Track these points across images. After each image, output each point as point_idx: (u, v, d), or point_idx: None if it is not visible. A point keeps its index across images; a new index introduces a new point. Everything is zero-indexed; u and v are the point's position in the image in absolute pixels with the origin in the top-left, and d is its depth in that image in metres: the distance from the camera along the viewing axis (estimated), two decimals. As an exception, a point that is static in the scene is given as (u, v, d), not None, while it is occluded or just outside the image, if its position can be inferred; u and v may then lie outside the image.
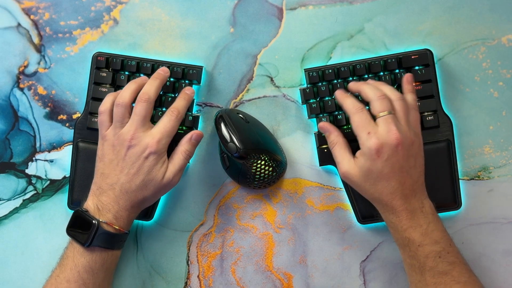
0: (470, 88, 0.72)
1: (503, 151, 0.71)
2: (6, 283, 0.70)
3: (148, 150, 0.60)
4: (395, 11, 0.73)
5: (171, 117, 0.62)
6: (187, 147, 0.64)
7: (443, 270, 0.58)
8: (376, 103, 0.60)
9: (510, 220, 0.70)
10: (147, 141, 0.61)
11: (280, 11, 0.73)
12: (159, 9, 0.73)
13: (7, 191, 0.72)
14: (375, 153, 0.58)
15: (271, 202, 0.71)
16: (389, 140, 0.58)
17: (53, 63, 0.73)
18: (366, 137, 0.59)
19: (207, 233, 0.71)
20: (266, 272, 0.70)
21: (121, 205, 0.61)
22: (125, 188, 0.61)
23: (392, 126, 0.58)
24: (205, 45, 0.73)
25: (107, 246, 0.60)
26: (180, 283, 0.70)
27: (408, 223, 0.59)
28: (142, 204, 0.63)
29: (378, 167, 0.58)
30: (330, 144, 0.64)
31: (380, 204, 0.61)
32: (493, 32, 0.72)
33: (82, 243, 0.59)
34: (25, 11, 0.73)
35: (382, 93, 0.60)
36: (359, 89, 0.63)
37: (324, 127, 0.64)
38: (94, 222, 0.59)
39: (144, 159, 0.60)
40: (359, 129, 0.60)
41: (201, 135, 0.65)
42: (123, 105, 0.62)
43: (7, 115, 0.72)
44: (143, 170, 0.60)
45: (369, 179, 0.60)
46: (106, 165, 0.62)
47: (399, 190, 0.59)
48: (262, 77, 0.73)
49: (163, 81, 0.65)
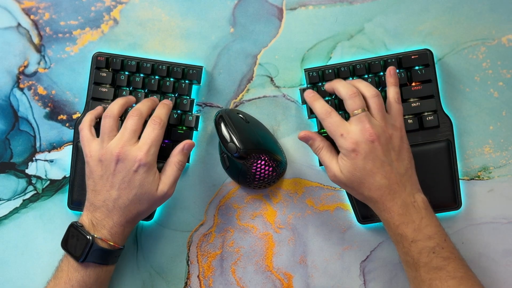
0: (470, 88, 0.72)
1: (503, 151, 0.71)
2: (6, 283, 0.70)
3: (137, 163, 0.59)
4: (395, 11, 0.73)
5: (155, 125, 0.61)
6: (179, 158, 0.63)
7: (438, 266, 0.58)
8: (348, 101, 0.60)
9: (510, 220, 0.70)
10: (135, 154, 0.59)
11: (280, 11, 0.73)
12: (159, 9, 0.73)
13: (7, 191, 0.72)
14: (352, 152, 0.58)
15: (271, 202, 0.71)
16: (364, 137, 0.58)
17: (53, 63, 0.73)
18: (341, 139, 0.59)
19: (207, 233, 0.71)
20: (266, 272, 0.70)
21: (115, 221, 0.60)
22: (118, 204, 0.60)
23: (365, 124, 0.58)
24: (205, 45, 0.73)
25: (101, 262, 0.60)
26: (180, 283, 0.70)
27: (400, 219, 0.59)
28: (137, 218, 0.62)
29: (359, 165, 0.59)
30: (316, 151, 0.63)
31: (371, 202, 0.61)
32: (493, 32, 0.72)
33: (76, 258, 0.59)
34: (25, 11, 0.73)
35: (355, 91, 0.60)
36: (332, 87, 0.63)
37: (305, 136, 0.64)
38: (89, 238, 0.59)
39: (134, 173, 0.59)
40: (332, 133, 0.60)
41: (193, 145, 0.65)
42: (111, 117, 0.61)
43: (7, 115, 0.72)
44: (134, 184, 0.59)
45: (355, 179, 0.60)
46: (96, 181, 0.61)
47: (386, 185, 0.59)
48: (262, 77, 0.73)
49: (154, 106, 0.65)
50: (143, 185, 0.60)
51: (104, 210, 0.60)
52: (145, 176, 0.60)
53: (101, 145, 0.61)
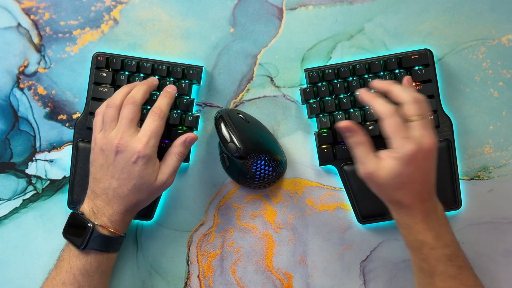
0: (470, 88, 0.72)
1: (503, 151, 0.71)
2: (6, 283, 0.70)
3: (136, 155, 0.59)
4: (395, 11, 0.73)
5: (154, 117, 0.61)
6: (180, 149, 0.63)
7: (453, 274, 0.58)
8: (410, 106, 0.58)
9: (510, 220, 0.70)
10: (134, 146, 0.59)
11: (280, 11, 0.73)
12: (159, 9, 0.73)
13: (7, 191, 0.72)
14: (410, 158, 0.57)
15: (271, 202, 0.71)
16: (424, 146, 0.57)
17: (53, 63, 0.73)
18: (402, 141, 0.57)
19: (207, 233, 0.71)
20: (266, 272, 0.70)
21: (115, 209, 0.60)
22: (118, 193, 0.60)
23: (428, 131, 0.57)
24: (205, 45, 0.73)
25: (102, 249, 0.60)
26: (180, 283, 0.70)
27: (422, 226, 0.58)
28: (136, 207, 0.62)
29: (409, 171, 0.57)
30: (353, 144, 0.61)
31: (397, 206, 0.60)
32: (493, 32, 0.72)
33: (77, 245, 0.59)
34: (25, 11, 0.73)
35: (418, 96, 0.59)
36: (387, 89, 0.61)
37: (348, 127, 0.61)
38: (89, 225, 0.59)
39: (133, 164, 0.59)
40: (393, 133, 0.57)
41: (196, 138, 0.64)
42: (113, 106, 0.61)
43: (7, 115, 0.72)
44: (133, 175, 0.60)
45: (395, 183, 0.58)
46: (97, 170, 0.61)
47: (420, 194, 0.58)
48: (262, 77, 0.73)
49: (151, 88, 0.65)
50: (143, 176, 0.60)
51: (104, 198, 0.60)
52: (144, 167, 0.60)
53: (103, 134, 0.61)
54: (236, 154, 0.64)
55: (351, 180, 0.69)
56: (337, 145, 0.69)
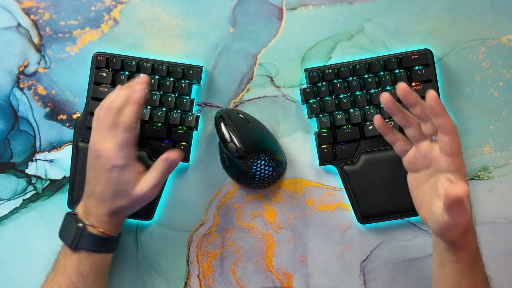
0: (470, 88, 0.72)
1: (503, 151, 0.71)
2: (6, 283, 0.70)
3: (110, 163, 0.58)
4: (395, 11, 0.73)
5: (117, 130, 0.58)
6: (161, 166, 0.61)
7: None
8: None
9: (510, 220, 0.70)
10: (108, 155, 0.58)
11: (280, 11, 0.73)
12: (159, 9, 0.73)
13: (7, 191, 0.72)
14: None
15: (271, 202, 0.71)
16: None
17: (53, 63, 0.73)
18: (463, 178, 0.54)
19: (207, 233, 0.71)
20: (266, 272, 0.70)
21: (100, 211, 0.60)
22: (101, 196, 0.60)
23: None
24: (205, 45, 0.73)
25: (94, 248, 0.60)
26: (180, 283, 0.70)
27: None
28: (120, 212, 0.61)
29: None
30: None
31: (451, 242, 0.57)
32: (493, 32, 0.72)
33: (69, 244, 0.60)
34: (25, 11, 0.73)
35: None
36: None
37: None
38: (79, 225, 0.60)
39: (109, 171, 0.59)
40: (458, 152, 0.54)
41: (179, 157, 0.61)
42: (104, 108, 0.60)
43: (7, 115, 0.72)
44: (111, 181, 0.59)
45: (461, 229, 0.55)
46: (88, 171, 0.62)
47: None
48: (262, 77, 0.73)
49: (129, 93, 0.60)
50: (119, 183, 0.59)
51: (92, 199, 0.61)
52: (120, 175, 0.59)
53: (93, 135, 0.61)
54: (236, 154, 0.64)
55: (351, 180, 0.69)
56: (337, 145, 0.69)
